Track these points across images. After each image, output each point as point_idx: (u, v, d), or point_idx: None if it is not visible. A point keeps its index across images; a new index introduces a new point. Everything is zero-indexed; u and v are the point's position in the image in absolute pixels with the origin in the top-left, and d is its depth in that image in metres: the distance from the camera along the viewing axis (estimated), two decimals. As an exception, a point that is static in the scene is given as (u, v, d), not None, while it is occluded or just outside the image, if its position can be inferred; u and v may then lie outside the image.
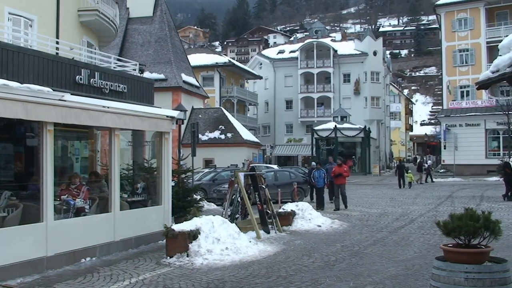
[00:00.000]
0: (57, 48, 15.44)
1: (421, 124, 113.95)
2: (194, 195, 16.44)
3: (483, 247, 5.81)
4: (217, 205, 22.21)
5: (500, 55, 7.24)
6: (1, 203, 9.60)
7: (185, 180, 16.42)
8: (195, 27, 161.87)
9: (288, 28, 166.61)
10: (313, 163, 23.91)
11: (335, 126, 53.68)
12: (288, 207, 16.08)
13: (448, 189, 31.57)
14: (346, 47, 69.74)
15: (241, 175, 14.53)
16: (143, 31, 46.34)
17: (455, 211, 10.55)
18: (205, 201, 20.57)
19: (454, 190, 30.65)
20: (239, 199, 14.98)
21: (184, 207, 15.10)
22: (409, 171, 37.54)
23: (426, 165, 42.06)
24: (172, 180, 14.37)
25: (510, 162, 26.20)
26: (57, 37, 18.72)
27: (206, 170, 31.85)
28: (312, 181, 21.97)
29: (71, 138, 14.46)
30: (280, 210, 15.66)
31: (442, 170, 49.10)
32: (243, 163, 38.04)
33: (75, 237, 10.50)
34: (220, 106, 53.19)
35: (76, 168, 14.77)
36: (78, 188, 11.36)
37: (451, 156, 46.29)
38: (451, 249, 5.86)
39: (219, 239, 10.96)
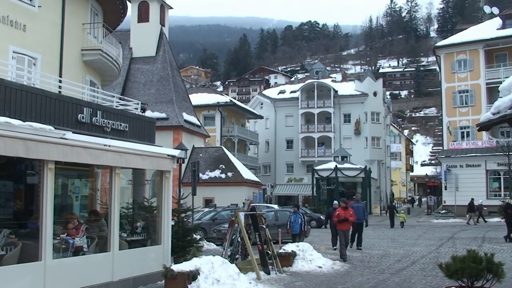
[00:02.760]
0: (60, 87, 15.57)
1: (422, 165, 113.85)
2: (194, 235, 16.32)
3: (486, 290, 5.73)
4: (217, 245, 22.01)
5: (501, 97, 7.30)
6: (0, 241, 9.52)
7: (185, 220, 16.33)
8: (197, 67, 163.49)
9: (289, 69, 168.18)
10: (299, 207, 22.60)
11: (336, 166, 53.62)
12: (289, 247, 15.95)
13: (450, 230, 31.34)
14: (346, 88, 70.26)
15: (242, 215, 14.45)
16: (145, 70, 46.82)
17: (457, 252, 10.48)
18: (205, 240, 20.41)
19: (455, 231, 30.43)
20: (239, 239, 14.85)
21: (183, 247, 14.97)
22: (402, 211, 37.71)
23: (477, 205, 40.29)
24: (172, 219, 14.28)
25: (511, 203, 26.09)
26: (60, 75, 18.90)
27: (206, 209, 31.71)
28: (287, 227, 20.49)
29: (72, 176, 14.43)
30: (281, 251, 15.52)
31: (443, 211, 48.82)
32: (243, 203, 37.88)
33: (74, 277, 10.37)
34: (221, 145, 53.29)
35: (75, 207, 14.70)
36: (77, 227, 11.28)
37: (452, 197, 46.09)
38: (454, 291, 5.78)
39: (219, 280, 10.82)
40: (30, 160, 10.40)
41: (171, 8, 49.32)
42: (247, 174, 46.17)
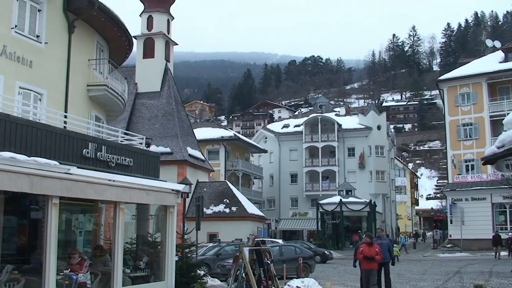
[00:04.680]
0: (65, 122, 15.65)
1: (427, 198, 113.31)
2: (198, 271, 16.20)
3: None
4: (221, 280, 21.77)
5: (505, 130, 7.31)
6: (3, 277, 9.45)
7: (189, 255, 16.23)
8: (202, 102, 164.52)
9: (292, 103, 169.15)
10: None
11: (340, 200, 53.41)
12: (294, 283, 15.80)
13: (456, 265, 30.98)
14: (350, 122, 70.51)
15: (246, 250, 14.34)
16: (150, 105, 47.14)
17: (464, 287, 10.34)
18: (209, 276, 20.22)
19: (462, 266, 30.07)
20: (243, 275, 14.71)
21: (187, 282, 14.84)
22: (395, 245, 37.46)
23: (506, 238, 38.50)
24: (176, 255, 14.19)
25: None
26: (66, 111, 19.02)
27: (211, 244, 31.50)
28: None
29: (75, 211, 14.40)
30: (286, 286, 15.35)
31: (449, 245, 48.37)
32: (248, 238, 37.63)
33: (76, 314, 10.25)
34: (225, 179, 53.22)
35: (79, 242, 14.62)
36: (80, 263, 11.20)
37: (458, 231, 45.69)
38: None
39: (223, 316, 10.69)
40: (34, 195, 10.40)
41: (176, 44, 49.94)
42: (251, 208, 45.99)
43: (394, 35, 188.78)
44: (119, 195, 11.42)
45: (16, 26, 17.40)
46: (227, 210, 44.04)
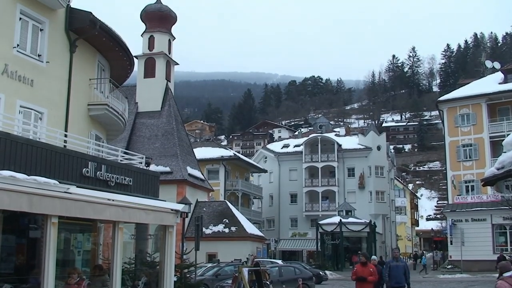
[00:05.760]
0: (65, 141, 15.67)
1: (427, 219, 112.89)
2: (197, 291, 16.08)
3: None
4: (220, 301, 21.63)
5: (505, 152, 7.32)
6: (0, 297, 9.40)
7: (187, 275, 16.13)
8: (202, 121, 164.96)
9: (292, 123, 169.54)
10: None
11: (340, 220, 53.22)
12: (293, 304, 15.65)
13: (457, 286, 30.78)
14: (350, 142, 70.57)
15: (245, 271, 14.27)
16: (150, 125, 47.20)
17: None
18: (208, 297, 20.07)
19: (462, 287, 29.85)
20: (242, 295, 14.61)
21: (186, 303, 14.73)
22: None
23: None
24: (175, 275, 14.10)
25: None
26: (66, 130, 19.03)
27: (209, 264, 31.31)
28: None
29: (74, 230, 14.36)
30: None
31: (449, 266, 48.04)
32: (247, 258, 37.43)
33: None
34: (224, 199, 53.09)
35: (77, 262, 14.55)
36: (79, 283, 11.13)
37: (458, 252, 45.42)
38: None
39: (222, 337, 10.59)
40: (33, 214, 10.37)
41: (177, 64, 50.19)
42: (251, 228, 45.80)
43: (394, 56, 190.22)
44: (118, 215, 11.39)
45: (18, 45, 17.50)
46: (226, 230, 43.85)
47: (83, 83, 21.38)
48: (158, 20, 48.13)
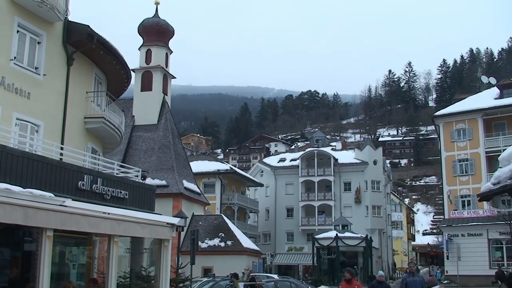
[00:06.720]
0: (61, 154, 15.63)
1: (423, 234, 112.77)
2: (192, 305, 15.98)
3: None
4: (215, 316, 21.49)
5: (501, 167, 7.33)
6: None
7: (183, 289, 16.03)
8: (198, 135, 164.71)
9: (289, 137, 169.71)
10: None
11: (337, 235, 53.00)
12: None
13: (454, 302, 30.66)
14: (346, 156, 70.59)
15: (241, 285, 14.19)
16: (147, 138, 47.14)
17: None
18: (203, 311, 19.93)
19: (459, 303, 29.76)
20: (238, 310, 14.53)
21: (181, 317, 14.63)
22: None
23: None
24: (170, 289, 14.02)
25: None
26: (62, 142, 18.99)
27: (205, 279, 31.12)
28: None
29: (69, 243, 14.29)
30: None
31: (445, 281, 47.90)
32: (243, 272, 37.23)
33: None
34: (220, 213, 52.92)
35: (72, 275, 14.46)
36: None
37: (455, 267, 45.33)
38: None
39: None
40: (28, 227, 10.32)
41: (174, 77, 50.28)
42: (246, 242, 45.63)
43: (390, 71, 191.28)
44: (113, 228, 11.35)
45: (15, 57, 17.52)
46: (222, 244, 43.68)
47: (80, 96, 21.38)
48: (156, 34, 48.30)
